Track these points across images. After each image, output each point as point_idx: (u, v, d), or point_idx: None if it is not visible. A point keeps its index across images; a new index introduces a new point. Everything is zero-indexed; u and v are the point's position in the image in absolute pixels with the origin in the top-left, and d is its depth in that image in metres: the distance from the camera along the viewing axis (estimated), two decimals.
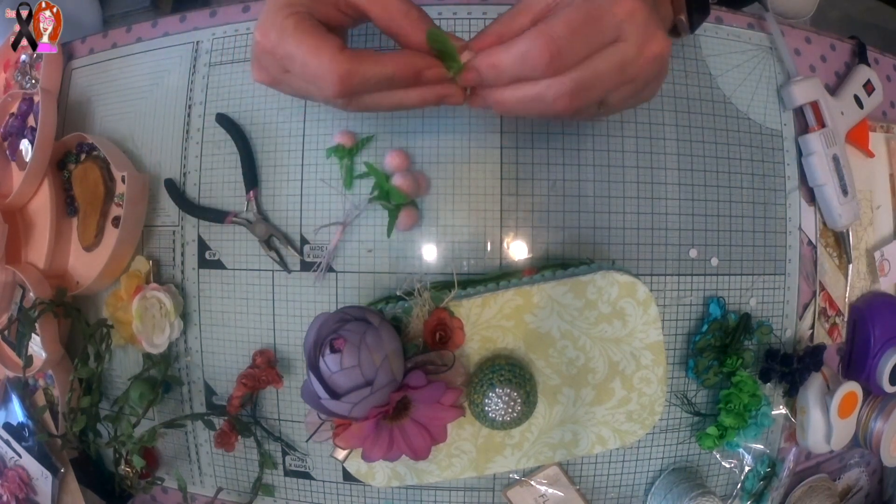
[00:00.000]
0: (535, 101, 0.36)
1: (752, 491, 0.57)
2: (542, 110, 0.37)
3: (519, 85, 0.36)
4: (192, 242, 0.57)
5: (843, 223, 0.56)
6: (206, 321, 0.57)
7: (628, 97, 0.39)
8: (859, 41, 0.62)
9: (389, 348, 0.42)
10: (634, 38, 0.36)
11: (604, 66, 0.36)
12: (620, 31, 0.35)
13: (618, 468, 0.55)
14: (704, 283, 0.54)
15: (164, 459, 0.61)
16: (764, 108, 0.56)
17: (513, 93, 0.37)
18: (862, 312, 0.59)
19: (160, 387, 0.56)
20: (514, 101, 0.37)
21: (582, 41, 0.35)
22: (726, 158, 0.55)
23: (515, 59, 0.35)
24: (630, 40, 0.36)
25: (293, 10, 0.37)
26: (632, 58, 0.36)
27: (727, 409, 0.53)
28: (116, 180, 0.57)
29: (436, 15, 0.54)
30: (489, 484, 0.55)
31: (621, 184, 0.53)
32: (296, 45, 0.36)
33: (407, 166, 0.52)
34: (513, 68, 0.35)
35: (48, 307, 0.56)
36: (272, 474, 0.58)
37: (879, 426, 0.58)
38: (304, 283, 0.54)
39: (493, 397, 0.45)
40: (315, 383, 0.41)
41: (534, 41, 0.34)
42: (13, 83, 0.64)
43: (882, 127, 0.62)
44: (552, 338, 0.48)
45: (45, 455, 0.60)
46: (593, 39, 0.35)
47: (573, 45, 0.34)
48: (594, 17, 0.35)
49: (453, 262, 0.53)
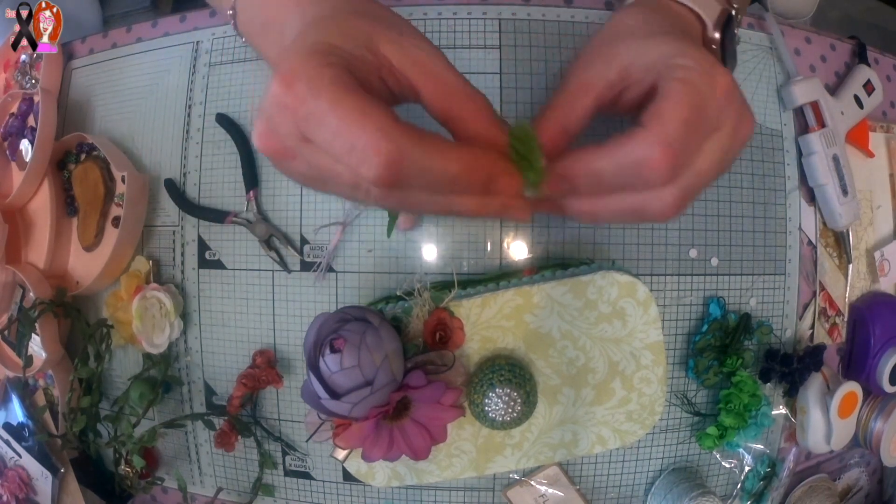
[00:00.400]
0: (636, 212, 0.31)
1: (752, 491, 0.57)
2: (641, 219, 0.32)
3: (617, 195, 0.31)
4: (192, 242, 0.57)
5: (843, 223, 0.56)
6: (206, 321, 0.57)
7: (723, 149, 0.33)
8: (859, 41, 0.62)
9: (389, 348, 0.42)
10: (731, 122, 0.31)
11: (706, 162, 0.31)
12: (721, 117, 0.30)
13: (618, 468, 0.55)
14: (704, 283, 0.54)
15: (164, 459, 0.61)
16: (764, 108, 0.56)
17: (608, 204, 0.31)
18: (862, 312, 0.59)
19: (160, 387, 0.56)
20: (610, 213, 0.31)
21: (694, 141, 0.30)
22: None
23: (626, 168, 0.29)
24: (726, 127, 0.31)
25: (330, 61, 0.28)
26: (728, 147, 0.31)
27: (727, 409, 0.53)
28: (116, 180, 0.57)
29: (435, 15, 0.54)
30: (489, 484, 0.55)
31: None
32: (331, 105, 0.26)
33: None
34: (620, 179, 0.30)
35: (48, 307, 0.56)
36: (272, 474, 0.58)
37: (879, 426, 0.58)
38: (304, 283, 0.54)
39: (493, 397, 0.45)
40: (315, 383, 0.41)
41: (652, 147, 0.28)
42: (13, 83, 0.64)
43: (882, 127, 0.62)
44: (552, 338, 0.48)
45: (45, 455, 0.60)
46: (702, 136, 0.30)
47: (688, 147, 0.29)
48: (701, 107, 0.29)
49: (453, 262, 0.53)
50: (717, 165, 0.31)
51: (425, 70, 0.30)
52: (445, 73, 0.31)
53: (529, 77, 0.53)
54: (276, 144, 0.29)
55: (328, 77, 0.27)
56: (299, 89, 0.27)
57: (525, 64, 0.53)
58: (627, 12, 0.38)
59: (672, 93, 0.30)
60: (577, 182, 0.30)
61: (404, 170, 0.26)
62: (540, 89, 0.53)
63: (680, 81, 0.30)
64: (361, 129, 0.26)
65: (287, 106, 0.27)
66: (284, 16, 0.35)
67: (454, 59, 0.53)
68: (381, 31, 0.30)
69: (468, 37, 0.53)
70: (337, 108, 0.26)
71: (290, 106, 0.27)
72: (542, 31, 0.54)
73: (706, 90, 0.30)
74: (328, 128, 0.26)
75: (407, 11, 0.54)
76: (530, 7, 0.54)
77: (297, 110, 0.27)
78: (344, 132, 0.26)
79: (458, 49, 0.53)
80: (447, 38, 0.53)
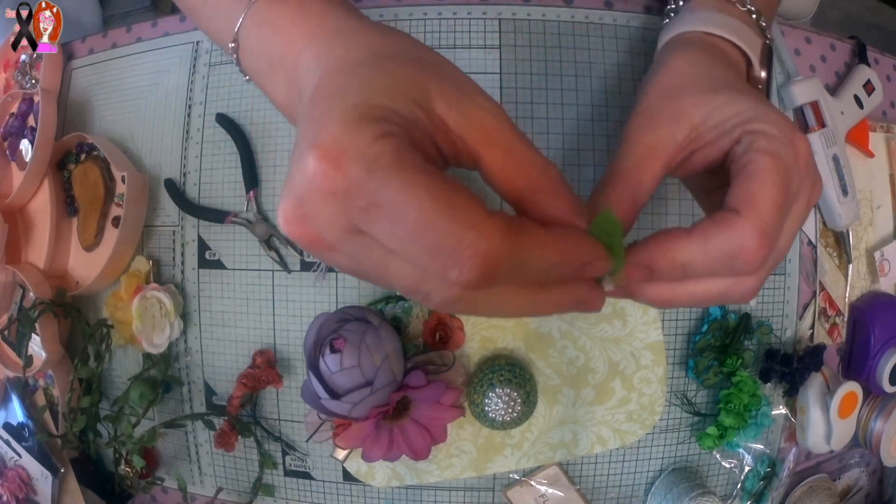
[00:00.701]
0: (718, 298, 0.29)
1: (752, 491, 0.57)
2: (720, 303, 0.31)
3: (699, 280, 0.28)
4: (192, 242, 0.57)
5: (843, 223, 0.56)
6: (206, 321, 0.57)
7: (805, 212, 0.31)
8: (859, 41, 0.62)
9: (389, 348, 0.42)
10: (807, 189, 0.29)
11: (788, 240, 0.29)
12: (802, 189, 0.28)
13: (618, 468, 0.55)
14: None
15: (164, 459, 0.61)
16: None
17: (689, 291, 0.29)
18: (862, 312, 0.59)
19: (160, 387, 0.56)
20: (690, 300, 0.29)
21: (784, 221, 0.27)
22: None
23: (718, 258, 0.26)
24: (804, 193, 0.29)
25: (388, 130, 0.22)
26: (805, 213, 0.29)
27: (727, 409, 0.53)
28: (116, 180, 0.57)
29: (435, 15, 0.54)
30: (489, 484, 0.55)
31: None
32: (404, 192, 0.21)
33: None
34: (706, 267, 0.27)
35: (48, 307, 0.56)
36: (272, 474, 0.58)
37: (879, 426, 0.58)
38: (304, 283, 0.54)
39: (493, 397, 0.45)
40: (315, 383, 0.41)
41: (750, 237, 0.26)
42: (13, 83, 0.64)
43: (882, 127, 0.62)
44: (552, 338, 0.48)
45: (45, 455, 0.60)
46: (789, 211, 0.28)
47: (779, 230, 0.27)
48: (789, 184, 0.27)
49: None
50: (795, 236, 0.29)
51: (490, 136, 0.25)
52: (514, 140, 0.25)
53: (529, 77, 0.53)
54: (313, 236, 0.23)
55: (391, 155, 0.21)
56: (352, 171, 0.21)
57: (525, 64, 0.53)
58: (685, 58, 0.35)
59: (761, 171, 0.27)
60: (661, 271, 0.27)
61: (502, 267, 0.22)
62: (540, 89, 0.53)
63: (766, 155, 0.27)
64: (450, 225, 0.20)
65: (335, 193, 0.21)
66: (296, 50, 0.29)
67: (454, 59, 0.53)
68: (435, 84, 0.25)
69: (468, 37, 0.53)
70: (412, 196, 0.20)
71: (340, 192, 0.21)
72: (542, 31, 0.54)
73: (791, 163, 0.27)
74: (401, 222, 0.21)
75: (407, 11, 0.54)
76: (530, 7, 0.54)
77: (349, 198, 0.21)
78: (424, 228, 0.21)
79: (458, 49, 0.53)
80: (447, 38, 0.53)
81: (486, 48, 0.53)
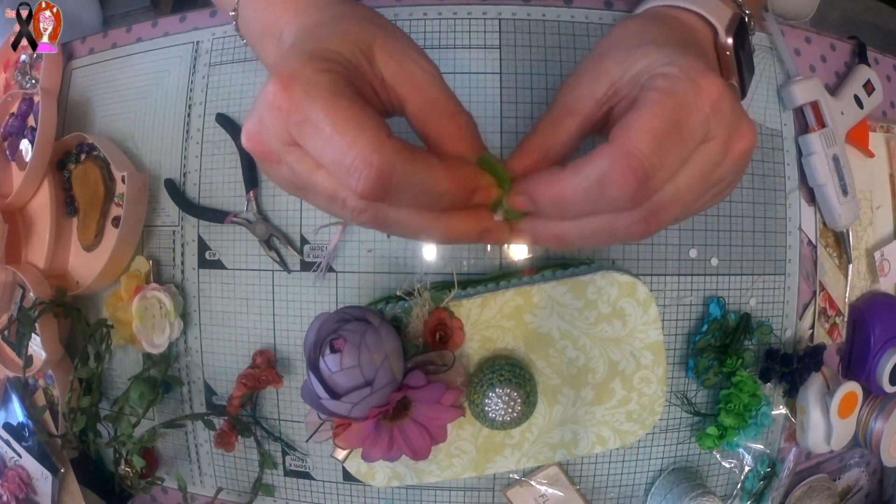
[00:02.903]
0: (603, 235, 0.28)
1: (752, 491, 0.57)
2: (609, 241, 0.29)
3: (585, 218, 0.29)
4: (192, 242, 0.57)
5: (843, 223, 0.56)
6: (206, 321, 0.57)
7: (707, 204, 0.31)
8: (859, 41, 0.62)
9: (389, 348, 0.42)
10: (721, 134, 0.28)
11: (686, 178, 0.28)
12: (708, 129, 0.27)
13: (618, 468, 0.55)
14: (704, 283, 0.54)
15: (164, 459, 0.61)
16: (764, 108, 0.56)
17: (573, 227, 0.29)
18: (862, 312, 0.59)
19: (160, 387, 0.56)
20: (576, 236, 0.29)
21: (670, 157, 0.27)
22: None
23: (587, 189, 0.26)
24: (715, 138, 0.28)
25: (328, 67, 0.28)
26: (717, 160, 0.28)
27: (727, 409, 0.53)
28: (116, 180, 0.57)
29: (436, 15, 0.54)
30: (489, 484, 0.55)
31: None
32: (326, 112, 0.26)
33: None
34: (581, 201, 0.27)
35: (48, 307, 0.56)
36: (272, 474, 0.58)
37: (879, 426, 0.58)
38: (304, 283, 0.54)
39: (493, 397, 0.45)
40: (315, 383, 0.41)
41: (615, 163, 0.25)
42: (13, 83, 0.64)
43: (882, 127, 0.62)
44: (552, 338, 0.48)
45: (45, 455, 0.60)
46: (682, 150, 0.27)
47: (662, 164, 0.26)
48: (682, 120, 0.26)
49: (453, 262, 0.53)
50: (703, 183, 0.28)
51: (415, 85, 0.30)
52: (436, 93, 0.30)
53: (529, 77, 0.53)
54: (263, 147, 0.29)
55: (326, 83, 0.26)
56: (295, 92, 0.26)
57: (525, 64, 0.53)
58: (623, 24, 0.36)
59: (644, 105, 0.27)
60: (542, 208, 0.29)
61: (394, 181, 0.26)
62: (540, 89, 0.53)
63: (657, 91, 0.27)
64: (354, 140, 0.25)
65: (280, 108, 0.27)
66: (283, 21, 0.35)
67: (454, 59, 0.53)
68: (380, 41, 0.30)
69: (468, 37, 0.53)
70: (331, 115, 0.26)
71: (284, 109, 0.26)
72: (542, 31, 0.54)
73: (689, 99, 0.27)
74: (320, 134, 0.26)
75: (407, 11, 0.54)
76: (530, 7, 0.54)
77: (290, 114, 0.26)
78: (336, 141, 0.26)
79: (458, 49, 0.53)
80: (447, 38, 0.53)
81: (486, 48, 0.53)
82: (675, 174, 0.27)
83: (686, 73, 0.28)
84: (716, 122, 0.27)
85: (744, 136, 0.29)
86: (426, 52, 0.32)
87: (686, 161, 0.28)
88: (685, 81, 0.27)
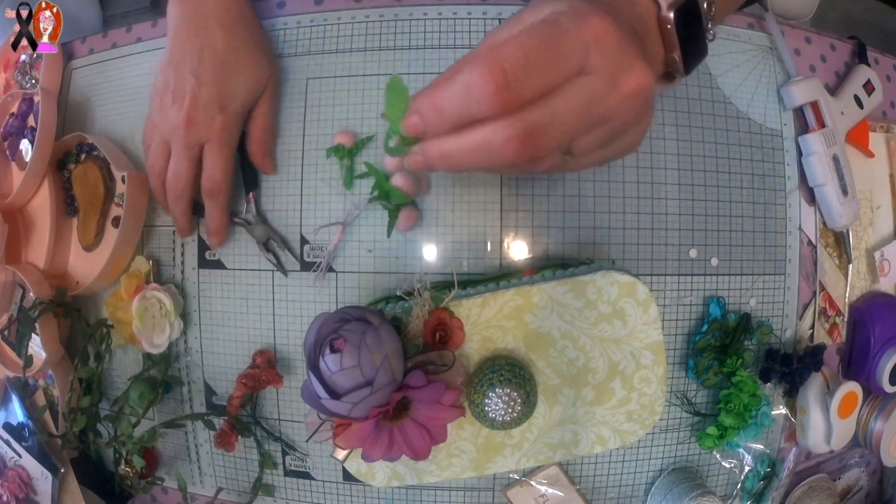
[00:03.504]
0: (482, 149, 0.30)
1: (752, 491, 0.57)
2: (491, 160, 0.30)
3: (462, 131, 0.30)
4: (192, 242, 0.57)
5: (843, 223, 0.56)
6: (206, 321, 0.57)
7: (601, 143, 0.32)
8: (859, 41, 0.62)
9: (389, 348, 0.42)
10: (605, 68, 0.29)
11: (564, 103, 0.29)
12: (587, 59, 0.29)
13: (618, 468, 0.55)
14: (704, 283, 0.54)
15: (164, 459, 0.61)
16: (764, 108, 0.56)
17: (455, 141, 0.30)
18: (862, 312, 0.59)
19: (160, 387, 0.56)
20: (459, 151, 0.31)
21: (538, 71, 0.28)
22: (726, 158, 0.55)
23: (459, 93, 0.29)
24: (599, 71, 0.29)
25: None
26: (601, 93, 0.30)
27: (727, 409, 0.53)
28: (116, 180, 0.57)
29: (436, 15, 0.54)
30: (489, 484, 0.55)
31: (621, 184, 0.53)
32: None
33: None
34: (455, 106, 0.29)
35: (48, 307, 0.56)
36: (272, 474, 0.58)
37: (879, 426, 0.58)
38: (304, 283, 0.54)
39: (493, 397, 0.45)
40: (315, 383, 0.41)
41: (476, 68, 0.28)
42: (13, 83, 0.64)
43: (882, 127, 0.62)
44: (552, 338, 0.48)
45: (45, 455, 0.59)
46: (553, 69, 0.29)
47: (527, 74, 0.28)
48: (553, 40, 0.28)
49: (453, 262, 0.53)
50: (585, 114, 0.30)
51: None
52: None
53: None
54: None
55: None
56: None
57: None
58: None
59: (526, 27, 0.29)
60: (426, 117, 0.30)
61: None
62: None
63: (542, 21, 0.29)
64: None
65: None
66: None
67: (454, 59, 0.53)
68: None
69: (468, 37, 0.53)
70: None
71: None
72: None
73: (568, 28, 0.29)
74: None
75: (407, 11, 0.54)
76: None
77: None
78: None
79: (458, 49, 0.53)
80: (447, 38, 0.53)
81: None
82: (548, 94, 0.29)
83: (576, 10, 0.30)
84: (599, 56, 0.29)
85: (635, 74, 0.30)
86: (426, 52, 0.34)
87: (562, 85, 0.29)
88: (570, 15, 0.29)
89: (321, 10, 0.55)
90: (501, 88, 0.28)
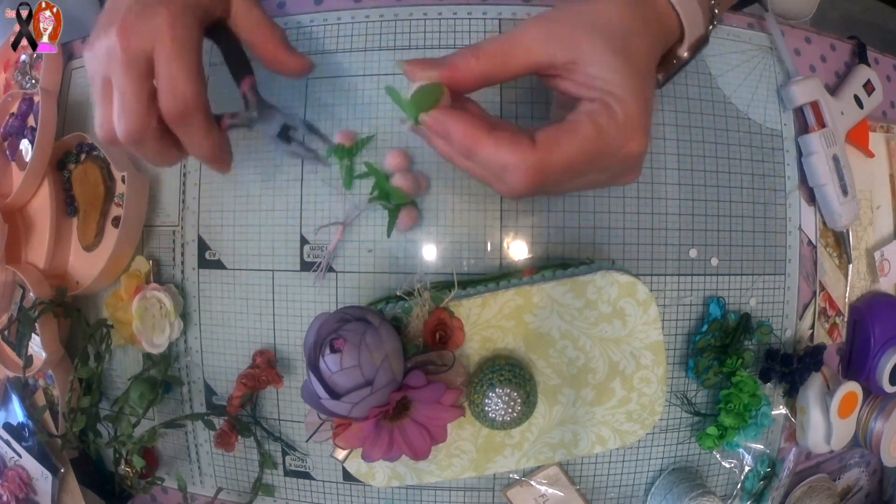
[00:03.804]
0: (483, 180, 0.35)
1: (752, 491, 0.57)
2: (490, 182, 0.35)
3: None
4: (192, 242, 0.57)
5: (843, 223, 0.56)
6: (206, 321, 0.57)
7: (594, 184, 0.36)
8: (859, 41, 0.62)
9: (389, 348, 0.42)
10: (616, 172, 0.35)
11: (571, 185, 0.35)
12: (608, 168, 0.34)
13: (618, 468, 0.55)
14: (704, 283, 0.54)
15: (164, 459, 0.61)
16: (764, 108, 0.56)
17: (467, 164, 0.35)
18: (862, 312, 0.59)
19: (160, 387, 0.56)
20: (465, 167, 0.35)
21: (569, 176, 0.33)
22: (726, 158, 0.55)
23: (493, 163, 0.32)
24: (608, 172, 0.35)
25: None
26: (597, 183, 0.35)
27: (727, 409, 0.53)
28: (116, 180, 0.57)
29: (436, 15, 0.54)
30: (489, 484, 0.55)
31: None
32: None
33: (407, 166, 0.52)
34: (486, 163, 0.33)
35: (48, 307, 0.56)
36: (272, 474, 0.58)
37: (879, 426, 0.58)
38: (304, 283, 0.54)
39: (493, 397, 0.45)
40: (315, 383, 0.41)
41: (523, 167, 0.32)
42: (13, 83, 0.64)
43: (882, 127, 0.62)
44: (552, 338, 0.48)
45: (45, 455, 0.60)
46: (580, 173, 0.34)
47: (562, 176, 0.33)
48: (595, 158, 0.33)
49: (453, 262, 0.53)
50: (588, 163, 0.33)
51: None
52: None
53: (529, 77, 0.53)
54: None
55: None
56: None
57: None
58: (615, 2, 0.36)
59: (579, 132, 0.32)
60: (454, 139, 0.33)
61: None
62: (540, 89, 0.53)
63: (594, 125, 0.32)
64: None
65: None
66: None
67: None
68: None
69: (468, 37, 0.53)
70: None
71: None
72: None
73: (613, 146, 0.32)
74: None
75: (407, 11, 0.54)
76: (530, 7, 0.54)
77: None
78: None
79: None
80: (447, 38, 0.53)
81: None
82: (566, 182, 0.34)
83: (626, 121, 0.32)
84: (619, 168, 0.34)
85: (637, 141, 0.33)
86: (426, 52, 0.36)
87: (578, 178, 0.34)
88: (620, 130, 0.32)
89: (321, 10, 0.55)
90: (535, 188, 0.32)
